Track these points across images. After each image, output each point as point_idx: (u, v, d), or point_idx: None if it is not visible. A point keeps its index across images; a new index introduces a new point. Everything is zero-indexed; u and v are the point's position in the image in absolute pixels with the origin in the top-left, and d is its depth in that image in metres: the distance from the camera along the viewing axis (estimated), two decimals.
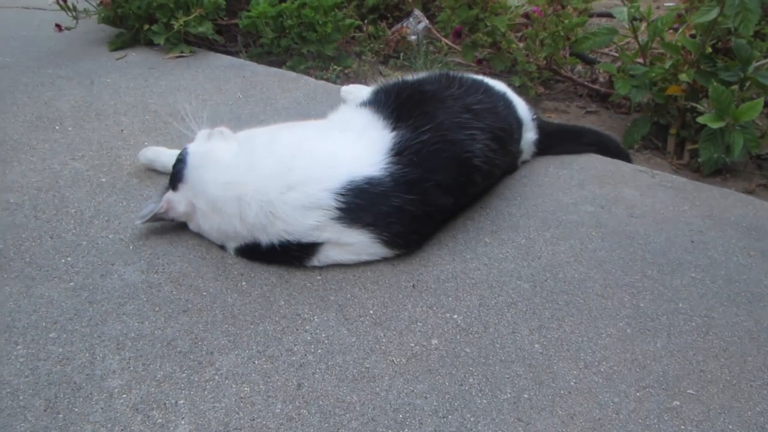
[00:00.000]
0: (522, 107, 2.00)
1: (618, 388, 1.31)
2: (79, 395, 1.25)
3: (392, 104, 1.71)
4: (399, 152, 1.59)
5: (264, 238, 1.54)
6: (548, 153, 2.11)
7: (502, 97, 1.95)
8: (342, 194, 1.51)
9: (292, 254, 1.56)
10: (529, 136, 2.02)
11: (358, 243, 1.56)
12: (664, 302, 1.53)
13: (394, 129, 1.64)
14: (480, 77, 2.01)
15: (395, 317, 1.46)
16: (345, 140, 1.65)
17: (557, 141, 2.15)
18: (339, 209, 1.51)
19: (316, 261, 1.58)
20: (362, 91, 2.13)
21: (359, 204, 1.52)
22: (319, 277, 1.56)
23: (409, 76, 1.96)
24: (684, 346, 1.42)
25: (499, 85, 2.01)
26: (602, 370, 1.35)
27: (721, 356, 1.39)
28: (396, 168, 1.56)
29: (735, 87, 2.15)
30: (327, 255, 1.57)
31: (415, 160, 1.58)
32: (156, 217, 1.65)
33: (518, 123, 1.95)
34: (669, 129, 2.42)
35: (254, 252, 1.58)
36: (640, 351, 1.40)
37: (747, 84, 2.17)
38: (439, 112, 1.70)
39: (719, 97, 1.98)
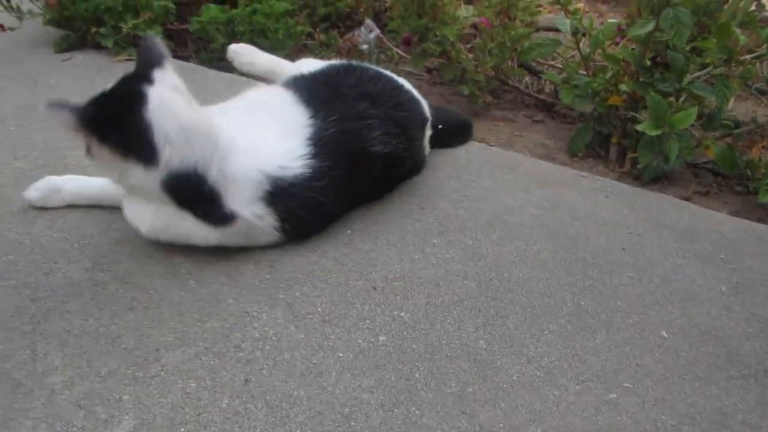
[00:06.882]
0: (425, 104, 2.05)
1: (558, 381, 1.35)
2: (18, 392, 1.22)
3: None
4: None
5: None
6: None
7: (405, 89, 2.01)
8: None
9: None
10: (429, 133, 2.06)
11: None
12: (603, 300, 1.59)
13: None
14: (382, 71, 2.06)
15: (344, 315, 1.47)
16: None
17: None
18: None
19: None
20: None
21: None
22: (268, 276, 1.56)
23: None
24: (621, 342, 1.47)
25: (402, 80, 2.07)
26: (544, 364, 1.39)
27: (656, 351, 1.46)
28: None
29: (672, 99, 2.26)
30: None
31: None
32: None
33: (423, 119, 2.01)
34: (611, 138, 2.51)
35: None
36: (580, 347, 1.45)
37: (682, 95, 2.27)
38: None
39: (656, 105, 2.06)
